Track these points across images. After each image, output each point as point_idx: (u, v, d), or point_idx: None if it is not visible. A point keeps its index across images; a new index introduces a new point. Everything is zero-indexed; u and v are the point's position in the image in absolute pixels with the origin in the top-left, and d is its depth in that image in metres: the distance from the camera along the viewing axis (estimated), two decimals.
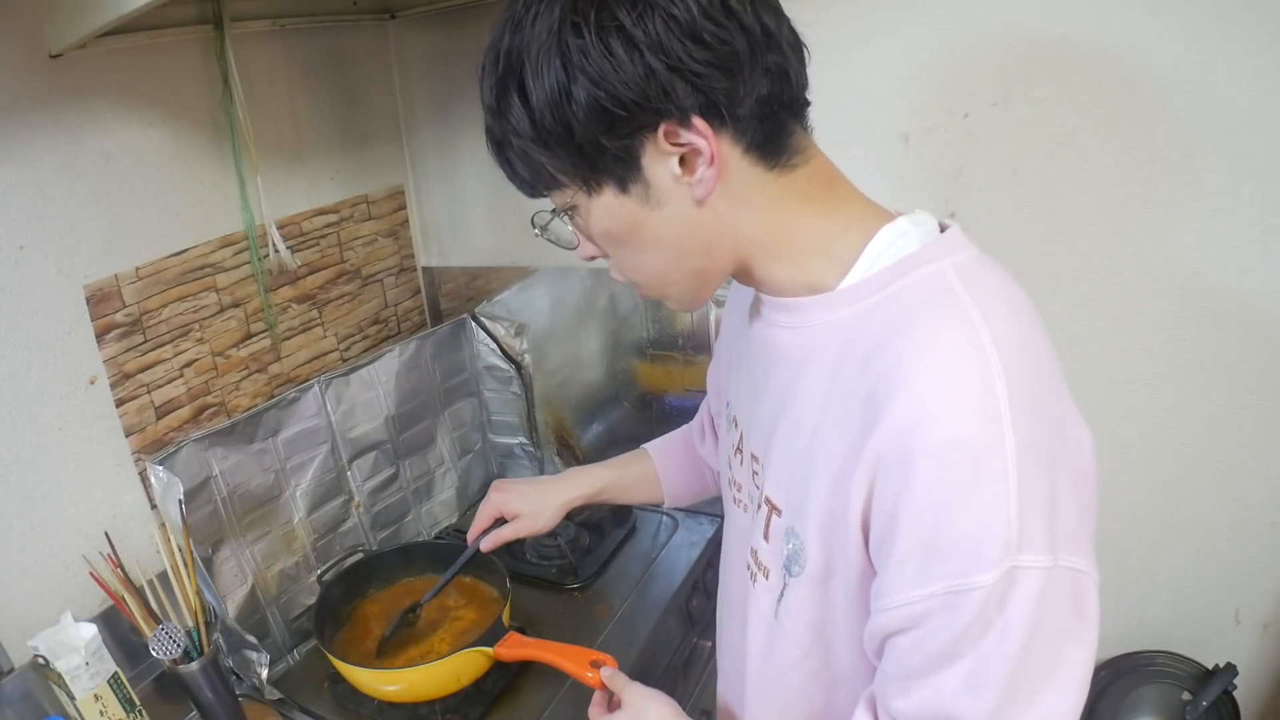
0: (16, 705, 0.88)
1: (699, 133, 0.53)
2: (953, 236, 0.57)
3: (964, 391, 0.49)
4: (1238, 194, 0.95)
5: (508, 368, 1.44)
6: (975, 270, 0.55)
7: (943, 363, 0.50)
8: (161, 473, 0.98)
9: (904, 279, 0.55)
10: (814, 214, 0.58)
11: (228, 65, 1.09)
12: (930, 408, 0.49)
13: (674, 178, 0.55)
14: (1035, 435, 0.49)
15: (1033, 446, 0.49)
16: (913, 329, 0.52)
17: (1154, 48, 0.93)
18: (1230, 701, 1.10)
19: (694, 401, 1.34)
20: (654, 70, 0.51)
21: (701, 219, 0.57)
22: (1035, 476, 0.48)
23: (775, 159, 0.57)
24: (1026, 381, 0.50)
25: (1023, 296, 0.56)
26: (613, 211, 0.57)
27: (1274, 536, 1.07)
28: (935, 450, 0.49)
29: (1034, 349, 0.53)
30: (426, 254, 1.52)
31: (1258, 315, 0.99)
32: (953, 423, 0.49)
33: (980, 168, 1.06)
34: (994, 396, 0.48)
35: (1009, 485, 0.48)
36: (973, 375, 0.49)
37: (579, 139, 0.53)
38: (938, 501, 0.49)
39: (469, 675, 0.99)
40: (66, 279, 0.97)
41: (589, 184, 0.57)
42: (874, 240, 0.57)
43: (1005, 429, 0.48)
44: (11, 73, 0.89)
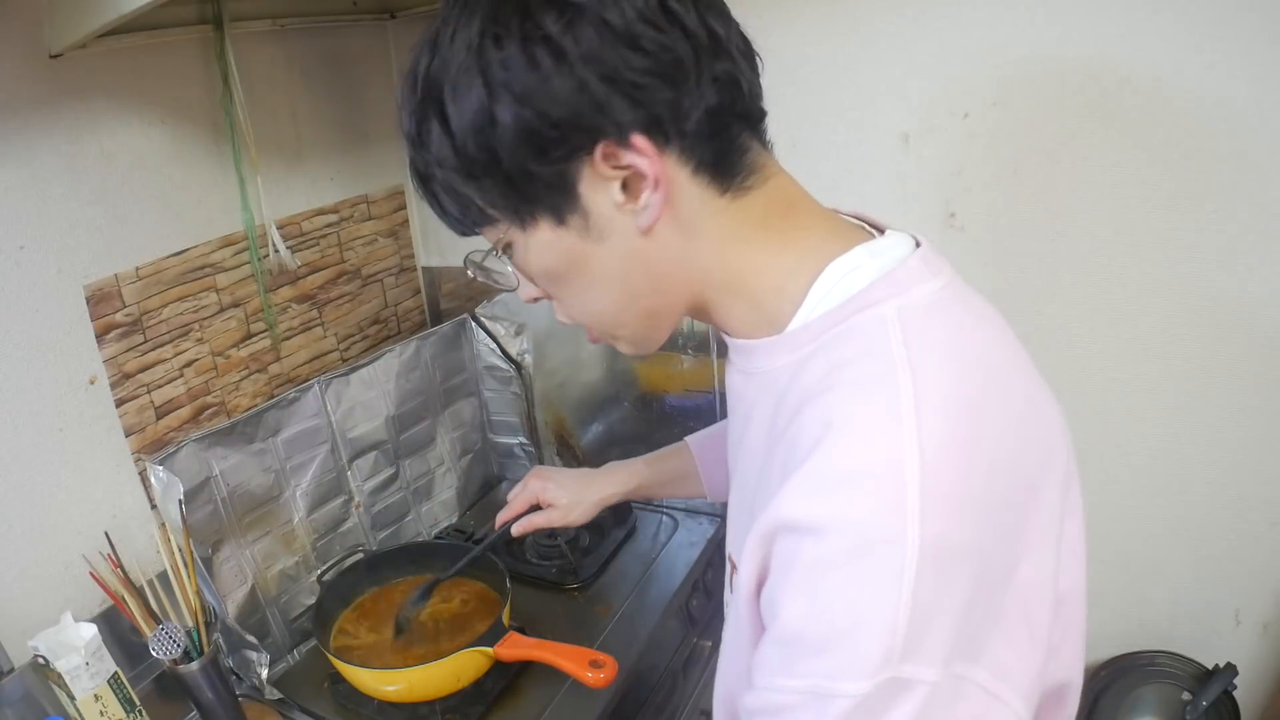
0: (16, 705, 0.88)
1: (641, 152, 0.47)
2: (911, 269, 0.49)
3: (865, 473, 0.42)
4: (1238, 194, 0.95)
5: (508, 368, 1.44)
6: (924, 317, 0.47)
7: (848, 437, 0.44)
8: (161, 473, 0.98)
9: (840, 325, 0.48)
10: (770, 244, 0.52)
11: (228, 65, 1.09)
12: (824, 485, 0.43)
13: (615, 206, 0.49)
14: (952, 534, 0.42)
15: (945, 547, 0.41)
16: (829, 393, 0.46)
17: (1154, 48, 0.93)
18: (1230, 701, 1.10)
19: (694, 402, 1.35)
20: (586, 83, 0.45)
21: (649, 252, 0.51)
22: (942, 582, 0.41)
23: (728, 180, 0.51)
24: (953, 466, 0.42)
25: (980, 352, 0.48)
26: (550, 247, 0.52)
27: (1274, 536, 1.07)
28: (822, 534, 0.42)
29: (977, 423, 0.44)
30: (426, 254, 1.52)
31: (1258, 315, 0.99)
32: (845, 507, 0.42)
33: (980, 168, 1.06)
34: (901, 482, 0.41)
35: (902, 588, 0.41)
36: (878, 454, 0.42)
37: (506, 167, 0.48)
38: (816, 592, 0.43)
39: (469, 675, 0.99)
40: (66, 279, 0.97)
41: (522, 217, 0.51)
42: (822, 276, 0.50)
43: (910, 522, 0.41)
44: (11, 73, 0.89)
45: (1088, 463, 1.15)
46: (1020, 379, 0.50)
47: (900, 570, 0.41)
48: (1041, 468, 0.47)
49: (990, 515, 0.44)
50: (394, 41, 1.39)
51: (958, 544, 0.42)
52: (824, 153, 1.11)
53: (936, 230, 1.10)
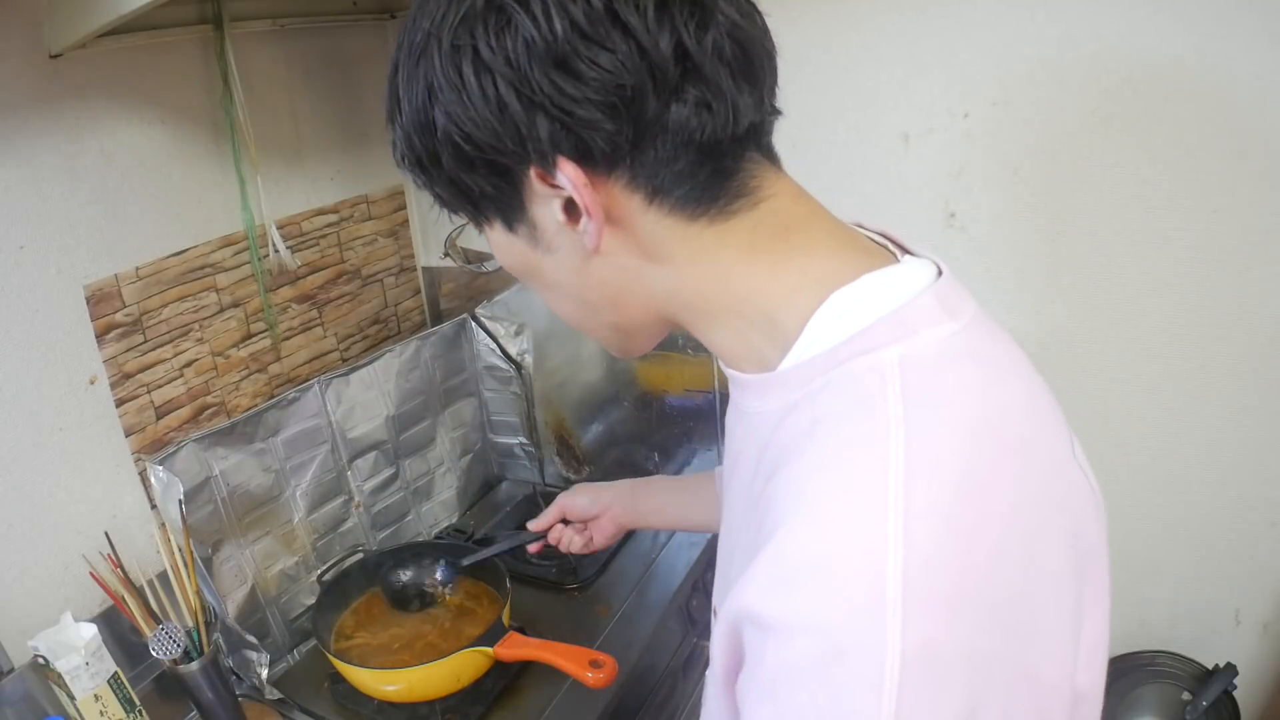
0: (16, 705, 0.88)
1: (569, 178, 0.42)
2: (921, 308, 0.42)
3: (835, 564, 0.36)
4: (1238, 194, 0.95)
5: (508, 368, 1.44)
6: (930, 370, 0.41)
7: (820, 517, 0.37)
8: (161, 473, 0.98)
9: (833, 371, 0.42)
10: (756, 271, 0.45)
11: (228, 65, 1.09)
12: (789, 577, 0.37)
13: (558, 225, 0.45)
14: (942, 638, 0.35)
15: (934, 654, 0.35)
16: (806, 456, 0.40)
17: (1154, 48, 0.93)
18: (1230, 701, 1.10)
19: (694, 402, 1.35)
20: (507, 105, 0.40)
21: (601, 271, 0.47)
22: (933, 694, 0.35)
23: (700, 207, 0.44)
24: (946, 558, 0.36)
25: (995, 418, 0.40)
26: (505, 249, 0.50)
27: (1274, 536, 1.07)
28: (786, 635, 0.37)
29: (980, 505, 0.38)
30: (426, 254, 1.52)
31: (1258, 315, 0.99)
32: (811, 606, 0.36)
33: (980, 168, 1.06)
34: (879, 576, 0.35)
35: (882, 703, 0.34)
36: (852, 540, 0.36)
37: (447, 171, 0.45)
38: (781, 704, 0.37)
39: (469, 675, 0.99)
40: (66, 279, 0.97)
41: (475, 217, 0.49)
42: (822, 308, 0.43)
43: (889, 625, 0.34)
44: (11, 73, 0.89)
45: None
46: (1044, 449, 0.43)
47: (879, 682, 0.34)
48: (1061, 554, 0.40)
49: (995, 614, 0.37)
50: (394, 41, 1.39)
51: (951, 650, 0.36)
52: (824, 153, 1.11)
53: (937, 230, 1.10)
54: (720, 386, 1.30)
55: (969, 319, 0.44)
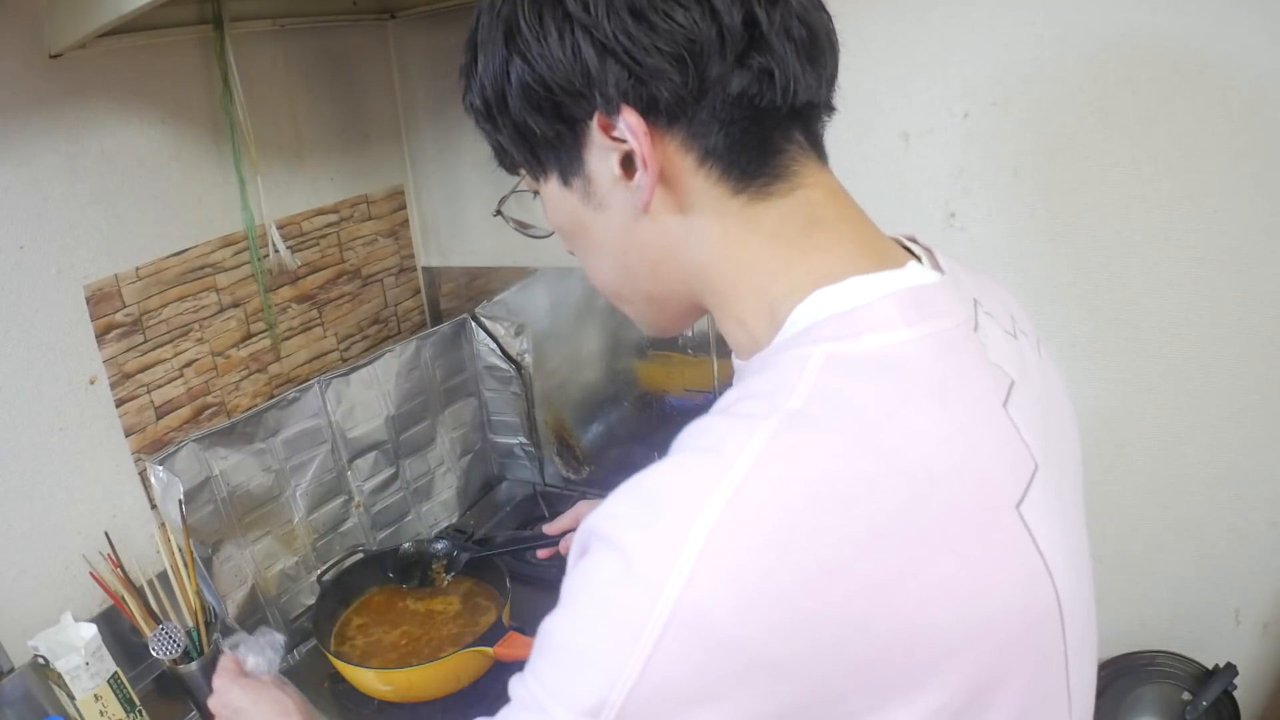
0: (16, 705, 0.88)
1: (631, 130, 0.43)
2: (878, 311, 0.42)
3: (659, 503, 0.38)
4: (1238, 194, 0.95)
5: (508, 368, 1.44)
6: (851, 374, 0.40)
7: (673, 462, 0.40)
8: (161, 473, 0.98)
9: (778, 356, 0.44)
10: (774, 261, 0.46)
11: (228, 65, 1.09)
12: (623, 499, 0.40)
13: (614, 179, 0.46)
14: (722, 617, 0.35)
15: (705, 626, 0.35)
16: (707, 419, 0.43)
17: (1154, 47, 0.93)
18: (1230, 701, 1.10)
19: (694, 402, 1.35)
20: (581, 49, 0.43)
21: (647, 234, 0.48)
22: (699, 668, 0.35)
23: (745, 180, 0.45)
24: (763, 541, 0.35)
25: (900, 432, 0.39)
26: (558, 203, 0.51)
27: (1274, 536, 1.07)
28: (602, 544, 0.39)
29: (831, 511, 0.36)
30: (426, 254, 1.52)
31: (1258, 315, 0.99)
32: (625, 528, 0.38)
33: (980, 168, 1.06)
34: (686, 528, 0.35)
35: (637, 645, 0.35)
36: (683, 489, 0.38)
37: (514, 118, 0.47)
38: (573, 600, 0.40)
39: (469, 675, 0.99)
40: (66, 279, 0.97)
41: (533, 168, 0.51)
42: (802, 305, 0.44)
43: (672, 574, 0.35)
44: (11, 73, 0.89)
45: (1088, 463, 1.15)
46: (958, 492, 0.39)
47: (640, 626, 0.35)
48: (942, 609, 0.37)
49: (814, 630, 0.35)
50: (394, 41, 1.39)
51: (733, 635, 0.35)
52: None
53: (937, 230, 1.10)
54: (720, 387, 1.30)
55: (930, 331, 0.42)
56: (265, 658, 0.84)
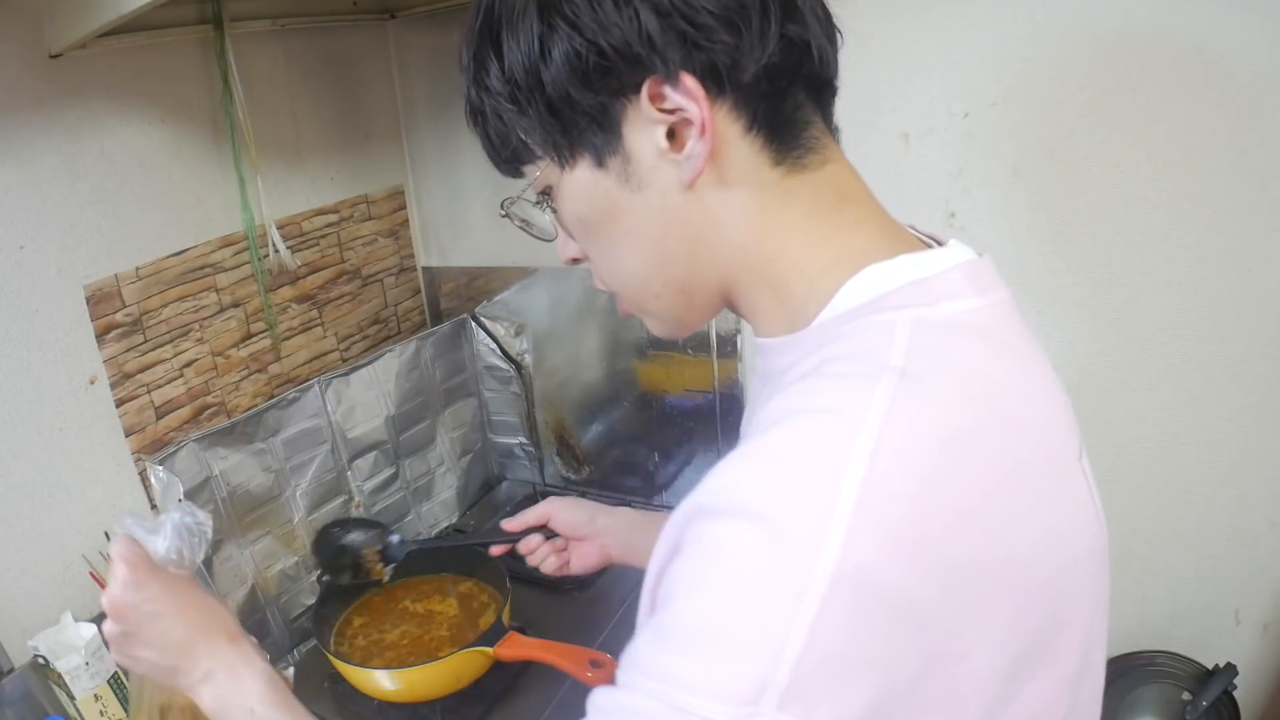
0: (16, 705, 0.88)
1: (689, 94, 0.43)
2: (949, 281, 0.44)
3: (800, 465, 0.37)
4: (1238, 194, 0.95)
5: (508, 368, 1.44)
6: (942, 335, 0.42)
7: (798, 425, 0.38)
8: (161, 473, 0.98)
9: (851, 324, 0.44)
10: (811, 235, 0.48)
11: (228, 65, 1.09)
12: (752, 468, 0.38)
13: (658, 152, 0.46)
14: (884, 573, 0.35)
15: (870, 585, 0.34)
16: (804, 384, 0.41)
17: (1153, 47, 0.93)
18: (1230, 701, 1.10)
19: (694, 402, 1.35)
20: (638, 12, 0.43)
21: (688, 211, 0.47)
22: (860, 629, 0.34)
23: (784, 150, 0.47)
24: (908, 495, 0.36)
25: (997, 396, 0.41)
26: (587, 191, 0.49)
27: (1274, 536, 1.07)
28: (733, 518, 0.37)
29: (960, 464, 0.38)
30: (426, 254, 1.52)
31: (1258, 315, 0.99)
32: (765, 495, 0.37)
33: (980, 168, 1.06)
34: (835, 488, 0.35)
35: (799, 611, 0.34)
36: (822, 449, 0.37)
37: (550, 93, 0.45)
38: (707, 581, 0.37)
39: (469, 675, 0.99)
40: (66, 279, 0.97)
41: (562, 154, 0.48)
42: (855, 278, 0.45)
43: (829, 536, 0.34)
44: (11, 73, 0.89)
45: None
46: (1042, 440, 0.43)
47: (802, 589, 0.34)
48: (1033, 546, 0.40)
49: (946, 575, 0.36)
50: (394, 41, 1.39)
51: (887, 589, 0.35)
52: None
53: (937, 230, 1.10)
54: (720, 386, 1.30)
55: (996, 300, 0.46)
56: (182, 541, 0.62)
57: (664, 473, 1.40)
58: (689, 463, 1.38)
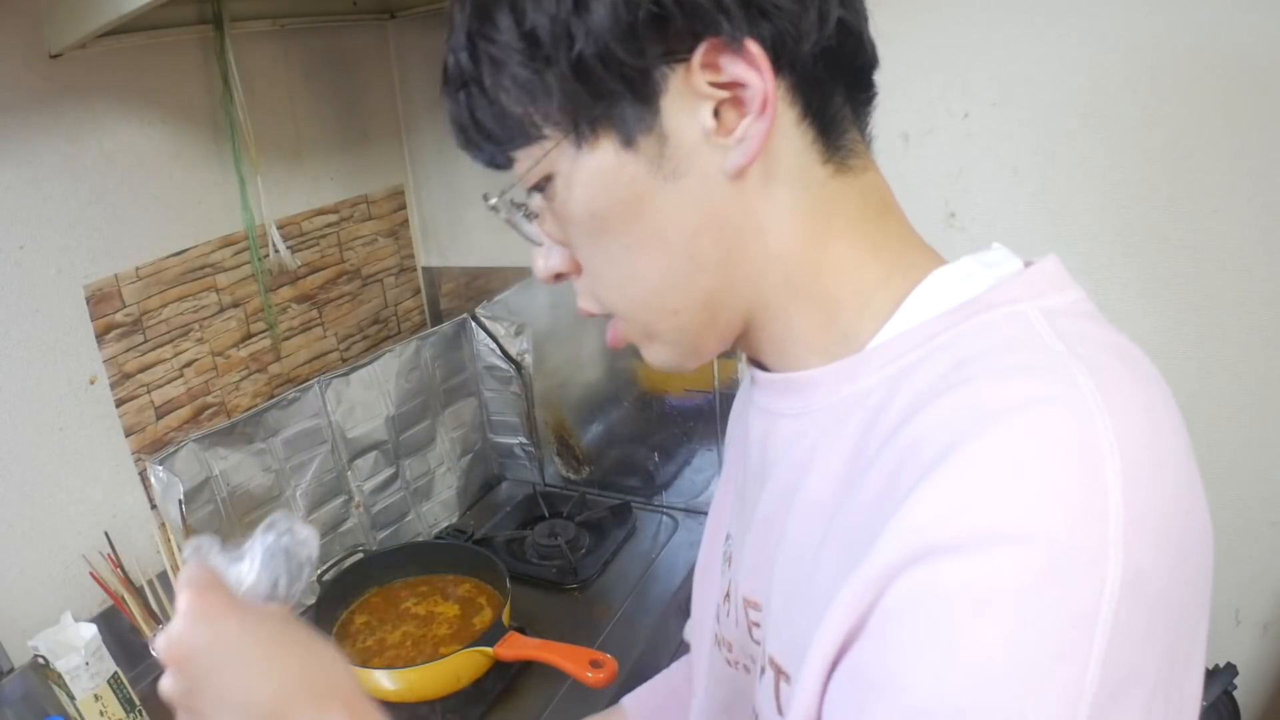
0: (16, 705, 0.88)
1: (752, 64, 0.37)
2: (1049, 273, 0.40)
3: (1058, 467, 0.30)
4: (1237, 194, 0.95)
5: (508, 368, 1.44)
6: (1075, 320, 0.37)
7: (1025, 421, 0.31)
8: (161, 473, 0.98)
9: (961, 325, 0.38)
10: (861, 243, 0.42)
11: (228, 65, 1.09)
12: (987, 485, 0.31)
13: (703, 134, 0.39)
14: (1154, 573, 0.30)
15: (1146, 588, 0.29)
16: (966, 385, 0.34)
17: (1153, 47, 0.93)
18: (1230, 701, 1.10)
19: (693, 402, 1.35)
20: None
21: (729, 207, 0.41)
22: (1140, 638, 0.30)
23: (832, 146, 0.42)
24: (1156, 484, 0.31)
25: (1147, 368, 0.37)
26: (608, 178, 0.40)
27: (1274, 536, 1.07)
28: (981, 549, 0.30)
29: (1167, 444, 0.33)
30: (426, 254, 1.52)
31: (1258, 315, 0.99)
32: (1023, 507, 0.30)
33: (980, 168, 1.06)
34: (1101, 487, 0.30)
35: (1095, 635, 0.29)
36: (1068, 442, 0.30)
37: (581, 49, 0.37)
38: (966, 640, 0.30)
39: (469, 675, 0.99)
40: (66, 279, 0.97)
41: (581, 129, 0.40)
42: (922, 285, 0.41)
43: (1110, 538, 0.29)
44: (11, 73, 0.89)
45: None
46: None
47: (1094, 609, 0.28)
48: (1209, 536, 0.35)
49: (1185, 563, 0.32)
50: (394, 41, 1.39)
51: (1160, 588, 0.30)
52: None
53: (937, 230, 1.10)
54: (720, 386, 1.30)
55: (1084, 295, 0.41)
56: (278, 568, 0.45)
57: (664, 473, 1.40)
58: (689, 463, 1.38)
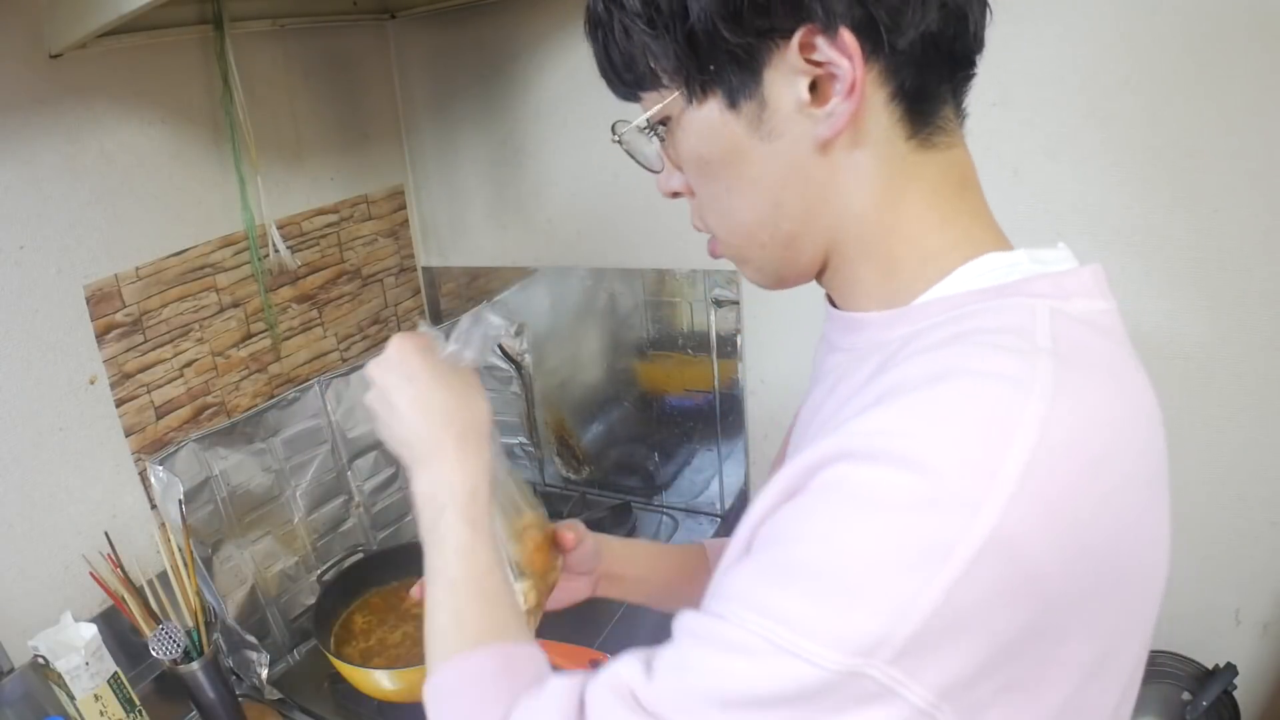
0: (16, 705, 0.88)
1: (844, 50, 0.41)
2: (1082, 279, 0.44)
3: (977, 421, 0.36)
4: (1237, 194, 0.95)
5: (508, 368, 1.44)
6: (1080, 329, 0.41)
7: (972, 382, 0.37)
8: (161, 473, 0.98)
9: (984, 304, 0.43)
10: (931, 214, 0.46)
11: (228, 65, 1.09)
12: (925, 417, 0.37)
13: (798, 105, 0.43)
14: (1030, 548, 0.34)
15: (1014, 557, 0.34)
16: (954, 346, 0.40)
17: (1153, 47, 0.93)
18: (1230, 701, 1.10)
19: (693, 402, 1.35)
20: None
21: (814, 170, 0.45)
22: (991, 596, 0.34)
23: (920, 124, 0.45)
24: (1067, 472, 0.35)
25: (1137, 394, 0.41)
26: (713, 131, 0.46)
27: (1274, 536, 1.07)
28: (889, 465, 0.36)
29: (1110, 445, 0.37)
30: (426, 254, 1.52)
31: (1258, 315, 0.99)
32: (938, 447, 0.35)
33: (980, 168, 1.06)
34: (1005, 449, 0.34)
35: (944, 569, 0.33)
36: (998, 410, 0.36)
37: (695, 24, 0.42)
38: (847, 524, 0.36)
39: None
40: (66, 279, 0.97)
41: (692, 88, 0.45)
42: (973, 263, 0.45)
43: (991, 496, 0.34)
44: (11, 73, 0.89)
45: None
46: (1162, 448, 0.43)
47: (951, 549, 0.33)
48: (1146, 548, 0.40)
49: (1081, 557, 0.36)
50: (394, 41, 1.39)
51: (1032, 561, 0.34)
52: None
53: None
54: (720, 386, 1.30)
55: (1114, 308, 0.46)
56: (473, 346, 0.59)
57: (664, 473, 1.40)
58: (689, 463, 1.38)
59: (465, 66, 1.33)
